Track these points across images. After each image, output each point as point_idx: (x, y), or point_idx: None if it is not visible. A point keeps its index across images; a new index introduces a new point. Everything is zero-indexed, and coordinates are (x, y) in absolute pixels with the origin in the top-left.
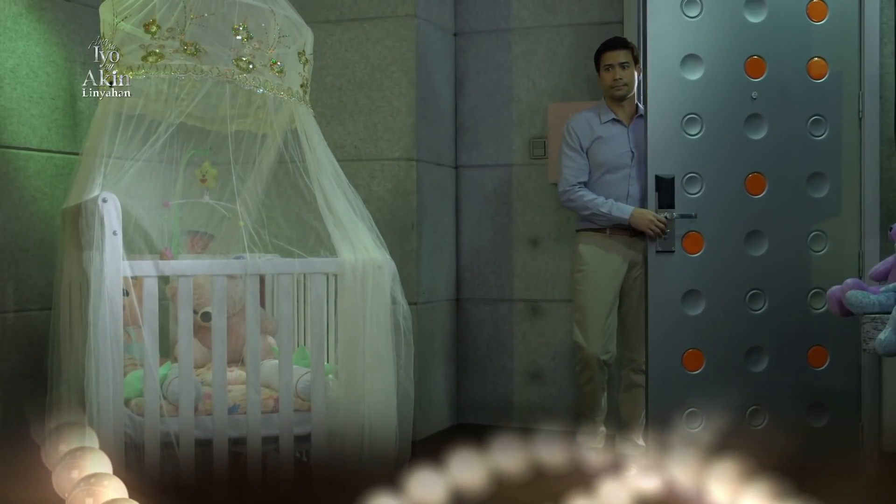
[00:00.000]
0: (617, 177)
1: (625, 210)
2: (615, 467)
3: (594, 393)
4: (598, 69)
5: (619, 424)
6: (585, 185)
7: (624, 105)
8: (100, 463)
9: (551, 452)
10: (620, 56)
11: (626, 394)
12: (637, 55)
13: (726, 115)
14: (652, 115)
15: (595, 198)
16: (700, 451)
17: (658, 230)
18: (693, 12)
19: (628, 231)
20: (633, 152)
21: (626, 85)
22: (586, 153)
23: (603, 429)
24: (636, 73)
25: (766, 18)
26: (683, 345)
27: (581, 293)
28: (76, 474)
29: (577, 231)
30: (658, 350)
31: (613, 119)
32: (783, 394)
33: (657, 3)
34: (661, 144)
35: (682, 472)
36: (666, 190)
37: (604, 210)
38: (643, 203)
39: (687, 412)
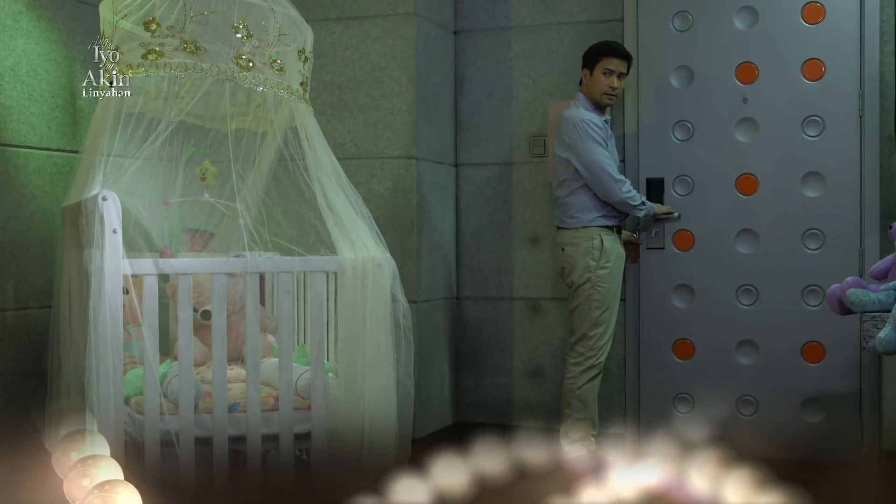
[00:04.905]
0: None
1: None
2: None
3: (595, 391)
4: (591, 67)
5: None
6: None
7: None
8: (111, 470)
9: (551, 451)
10: (622, 66)
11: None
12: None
13: (717, 119)
14: (643, 123)
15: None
16: (688, 436)
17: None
18: (683, 26)
19: (618, 227)
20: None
21: (616, 96)
22: None
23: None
24: None
25: (758, 25)
26: (674, 334)
27: (606, 290)
28: (88, 482)
29: (584, 227)
30: (648, 339)
31: (606, 120)
32: (775, 386)
33: (647, 18)
34: (651, 149)
35: (670, 460)
36: (656, 191)
37: (645, 203)
38: None
39: (676, 396)
